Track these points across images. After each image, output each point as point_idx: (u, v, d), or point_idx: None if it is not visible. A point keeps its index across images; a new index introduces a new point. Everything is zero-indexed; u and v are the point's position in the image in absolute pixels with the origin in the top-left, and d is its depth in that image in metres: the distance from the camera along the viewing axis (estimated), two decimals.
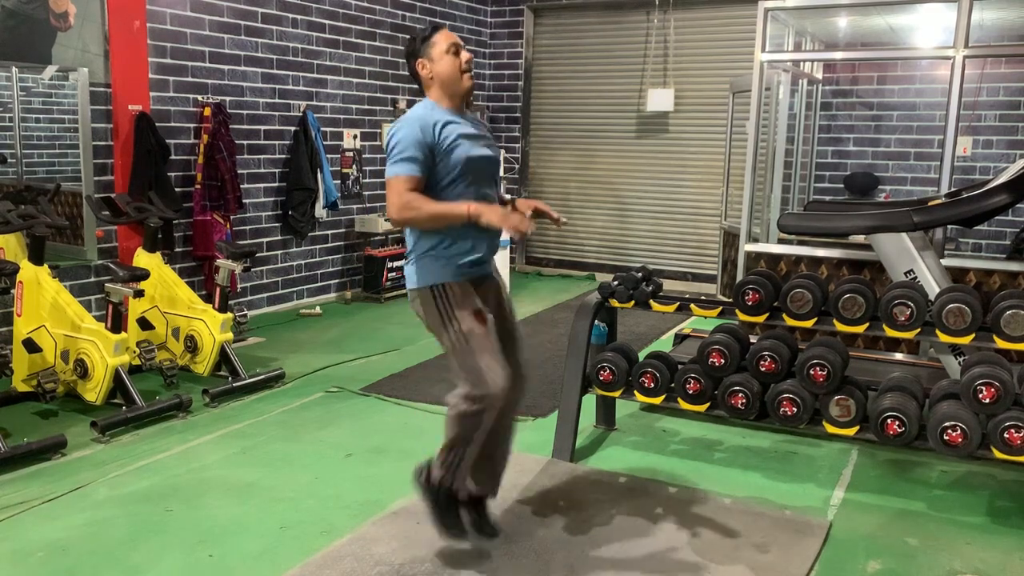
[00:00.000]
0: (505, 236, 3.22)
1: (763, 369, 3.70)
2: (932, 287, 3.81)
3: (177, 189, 6.19)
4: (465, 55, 2.91)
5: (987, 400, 3.29)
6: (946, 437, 3.35)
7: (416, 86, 3.00)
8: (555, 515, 3.48)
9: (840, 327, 3.63)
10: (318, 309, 7.36)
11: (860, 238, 4.76)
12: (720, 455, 4.25)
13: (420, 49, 2.90)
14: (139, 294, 4.78)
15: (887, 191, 8.17)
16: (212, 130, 6.32)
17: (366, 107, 8.06)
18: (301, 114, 7.23)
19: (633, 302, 4.04)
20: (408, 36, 3.00)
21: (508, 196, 3.28)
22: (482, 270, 2.99)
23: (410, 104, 8.44)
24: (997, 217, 5.08)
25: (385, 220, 7.91)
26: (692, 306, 4.04)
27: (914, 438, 3.46)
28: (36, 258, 4.67)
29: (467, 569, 3.04)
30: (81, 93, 5.62)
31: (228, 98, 6.61)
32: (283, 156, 7.19)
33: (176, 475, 3.86)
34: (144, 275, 4.89)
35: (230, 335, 5.27)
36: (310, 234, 7.51)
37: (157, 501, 3.58)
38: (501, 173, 3.24)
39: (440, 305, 2.88)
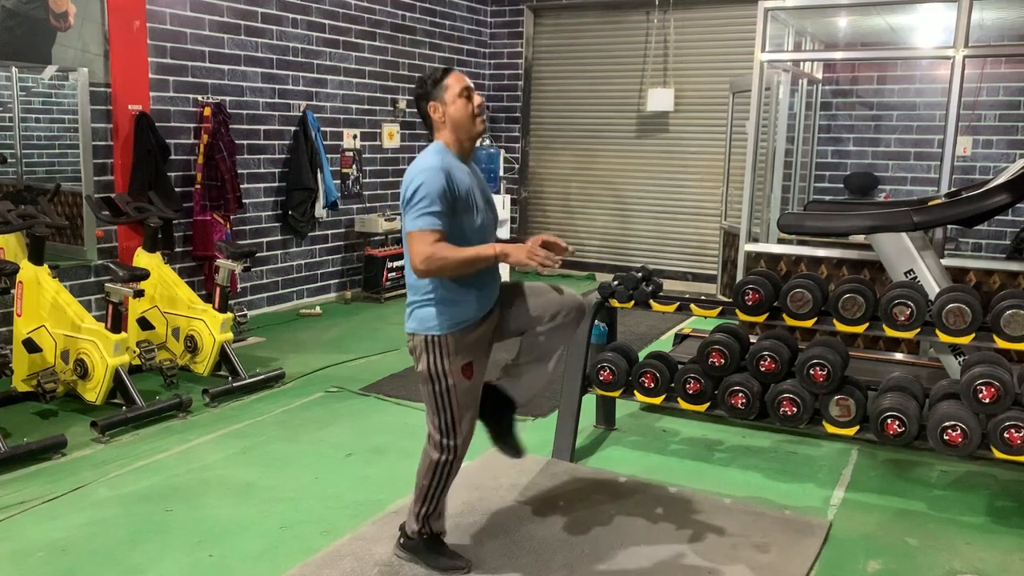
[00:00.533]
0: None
1: (763, 369, 3.70)
2: (932, 287, 3.81)
3: (177, 189, 6.19)
4: (477, 99, 2.89)
5: (987, 400, 3.29)
6: (946, 437, 3.35)
7: (422, 121, 2.97)
8: (555, 515, 3.48)
9: (840, 327, 3.63)
10: (318, 309, 7.36)
11: (860, 238, 4.77)
12: (720, 455, 4.25)
13: (432, 92, 2.87)
14: (139, 294, 4.78)
15: (887, 191, 8.17)
16: (212, 130, 6.32)
17: (366, 107, 8.06)
18: (301, 114, 7.23)
19: (633, 302, 4.04)
20: (418, 77, 2.98)
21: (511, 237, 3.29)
22: (484, 309, 2.93)
23: (410, 104, 8.48)
24: (997, 217, 5.08)
25: (387, 221, 7.91)
26: (692, 306, 4.04)
27: (914, 438, 3.46)
28: (36, 258, 4.67)
29: (469, 571, 3.04)
30: (81, 93, 5.62)
31: (228, 98, 6.61)
32: (283, 156, 7.19)
33: (176, 475, 3.86)
34: (144, 275, 4.89)
35: (230, 335, 5.27)
36: (310, 234, 7.51)
37: (157, 501, 3.58)
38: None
39: (432, 355, 2.88)
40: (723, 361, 3.77)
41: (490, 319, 2.98)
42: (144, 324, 5.35)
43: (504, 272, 2.97)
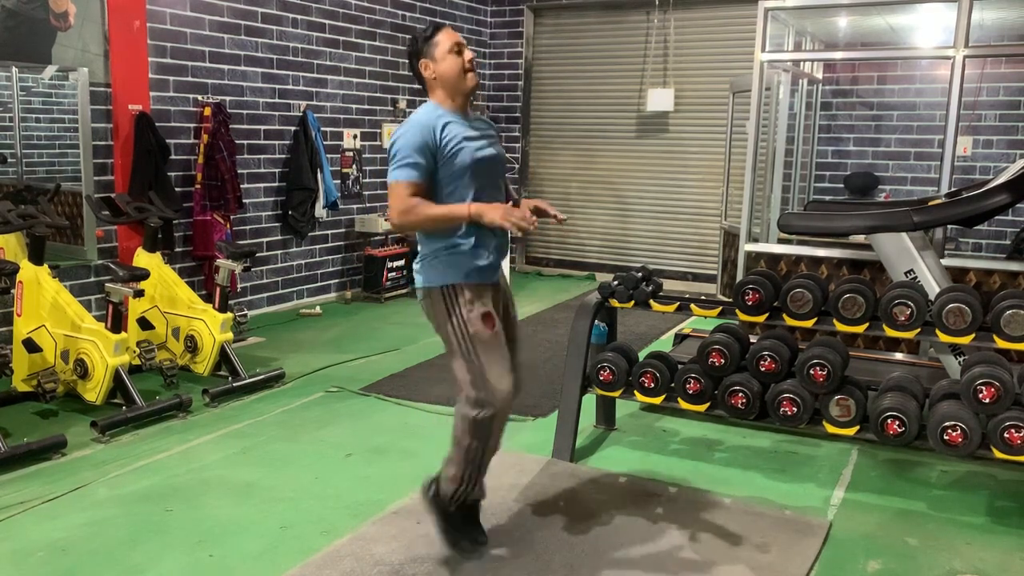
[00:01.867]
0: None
1: (763, 369, 3.70)
2: (932, 287, 3.81)
3: (177, 189, 6.19)
4: (468, 54, 2.89)
5: (987, 400, 3.29)
6: (946, 437, 3.35)
7: (419, 86, 2.99)
8: (555, 515, 3.48)
9: (840, 327, 3.63)
10: (318, 309, 7.36)
11: (860, 238, 4.76)
12: (720, 455, 4.25)
13: (422, 49, 2.88)
14: (139, 294, 4.78)
15: (887, 191, 8.17)
16: (212, 130, 6.32)
17: (366, 107, 8.06)
18: (301, 114, 7.23)
19: (633, 302, 4.04)
20: (410, 36, 2.98)
21: (515, 196, 3.26)
22: (492, 276, 2.95)
23: (410, 104, 8.48)
24: (997, 217, 5.08)
25: (385, 221, 7.91)
26: (692, 306, 4.04)
27: (914, 438, 3.46)
28: (36, 258, 4.67)
29: (467, 569, 3.04)
30: (81, 93, 5.62)
31: (228, 98, 6.61)
32: (283, 156, 7.19)
33: (176, 475, 3.86)
34: (144, 275, 4.89)
35: (230, 335, 5.27)
36: (310, 234, 7.51)
37: (157, 501, 3.58)
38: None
39: (449, 306, 2.85)
40: (723, 361, 3.77)
41: (499, 292, 2.99)
42: (144, 324, 5.36)
43: (504, 273, 2.96)
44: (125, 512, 3.48)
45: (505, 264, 3.04)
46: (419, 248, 2.95)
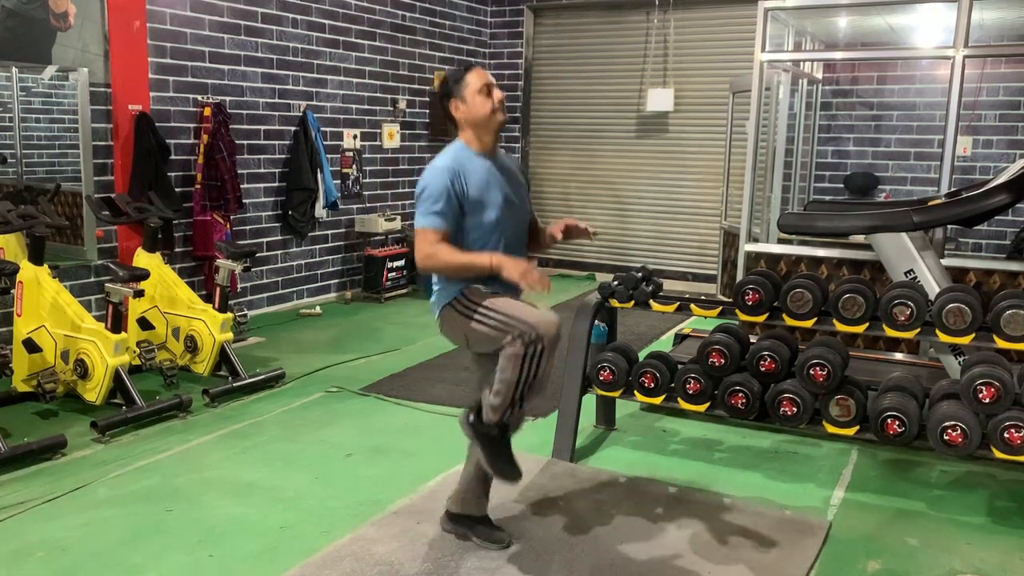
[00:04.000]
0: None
1: (763, 369, 3.70)
2: (932, 287, 3.81)
3: (177, 189, 6.19)
4: (498, 94, 2.94)
5: (987, 400, 3.29)
6: (946, 437, 3.35)
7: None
8: (555, 515, 3.48)
9: (840, 327, 3.63)
10: (318, 309, 7.36)
11: (860, 238, 4.76)
12: (720, 455, 4.25)
13: (453, 90, 2.94)
14: (139, 294, 4.78)
15: (887, 191, 8.17)
16: (212, 130, 6.32)
17: (366, 107, 8.06)
18: (301, 114, 7.23)
19: (633, 302, 4.04)
20: (443, 77, 3.02)
21: (542, 224, 3.30)
22: (508, 289, 2.96)
23: (410, 104, 8.48)
24: (997, 217, 5.08)
25: (387, 221, 7.91)
26: (692, 306, 4.04)
27: (914, 438, 3.46)
28: (36, 258, 4.67)
29: (467, 569, 3.04)
30: (81, 93, 5.62)
31: (228, 98, 6.61)
32: (283, 156, 7.19)
33: (176, 475, 3.86)
34: (144, 275, 4.89)
35: (230, 335, 5.27)
36: (310, 234, 7.51)
37: (157, 501, 3.58)
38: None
39: (460, 308, 2.90)
40: (723, 361, 3.77)
41: (514, 294, 3.00)
42: (144, 324, 5.35)
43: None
44: (125, 512, 3.48)
45: None
46: (433, 284, 3.02)
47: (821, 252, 5.07)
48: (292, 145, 7.19)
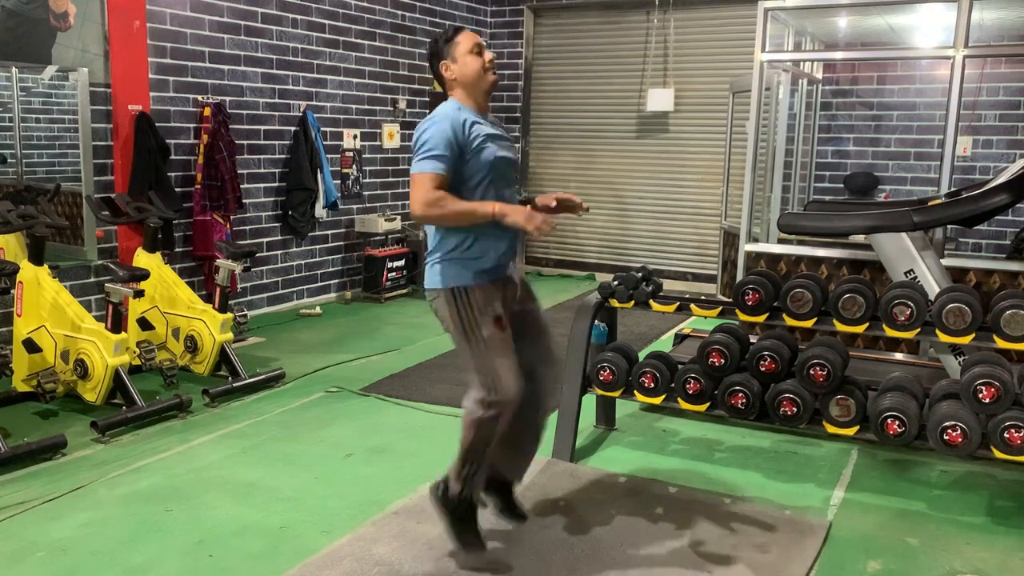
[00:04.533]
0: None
1: (763, 369, 3.70)
2: (932, 287, 3.81)
3: (177, 189, 6.19)
4: (488, 55, 2.95)
5: (987, 400, 3.29)
6: (946, 437, 3.35)
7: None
8: (555, 515, 3.48)
9: (840, 327, 3.63)
10: (318, 309, 7.36)
11: (860, 238, 4.76)
12: (720, 455, 4.25)
13: (443, 50, 2.93)
14: (139, 294, 4.78)
15: (887, 191, 8.17)
16: (212, 130, 6.32)
17: (366, 107, 8.06)
18: (301, 114, 7.23)
19: (633, 302, 4.04)
20: (431, 39, 3.03)
21: (524, 195, 3.30)
22: (503, 274, 2.98)
23: (410, 104, 8.48)
24: (997, 217, 5.08)
25: (387, 221, 7.91)
26: (692, 306, 4.04)
27: (914, 438, 3.46)
28: (36, 258, 4.67)
29: (467, 569, 3.04)
30: (81, 93, 5.62)
31: (228, 98, 6.61)
32: (283, 156, 7.19)
33: (176, 475, 3.86)
34: (144, 275, 4.89)
35: (230, 335, 5.27)
36: (310, 234, 7.51)
37: (157, 501, 3.58)
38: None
39: (461, 309, 2.88)
40: (723, 361, 3.77)
41: (511, 288, 3.01)
42: (144, 324, 5.35)
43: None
44: (125, 512, 3.48)
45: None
46: (430, 246, 2.98)
47: (821, 252, 5.07)
48: (292, 145, 7.19)
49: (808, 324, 3.71)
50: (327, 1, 7.50)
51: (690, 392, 3.86)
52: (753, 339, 3.97)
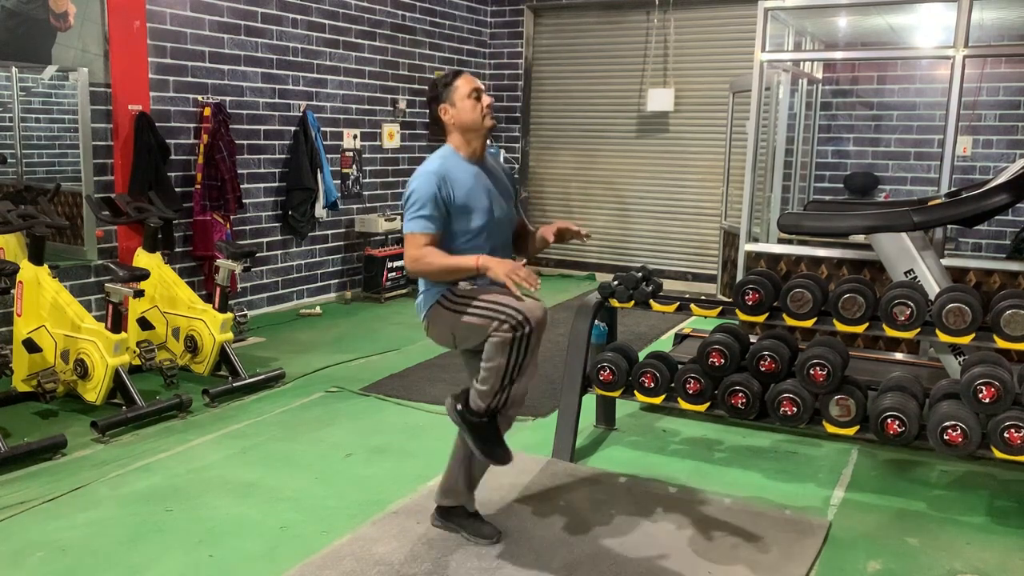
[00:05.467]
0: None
1: (763, 369, 3.70)
2: (932, 287, 3.81)
3: (177, 189, 6.19)
4: (486, 100, 2.99)
5: (987, 400, 3.29)
6: (946, 437, 3.35)
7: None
8: (555, 515, 3.48)
9: (840, 327, 3.63)
10: (318, 309, 7.36)
11: (860, 238, 4.76)
12: (720, 455, 4.25)
13: (442, 94, 2.98)
14: (139, 294, 4.78)
15: (887, 191, 8.17)
16: (212, 130, 6.32)
17: (366, 107, 8.06)
18: (301, 114, 7.23)
19: (633, 302, 4.04)
20: (430, 82, 3.07)
21: (532, 227, 3.34)
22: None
23: (410, 104, 8.48)
24: (997, 217, 5.08)
25: (387, 221, 7.91)
26: (692, 306, 4.04)
27: (914, 438, 3.46)
28: (36, 258, 4.67)
29: (467, 569, 3.04)
30: (81, 93, 5.62)
31: (228, 98, 6.61)
32: (283, 156, 7.19)
33: (176, 475, 3.86)
34: (144, 275, 4.89)
35: (230, 335, 5.27)
36: (310, 234, 7.51)
37: (157, 501, 3.58)
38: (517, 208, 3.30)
39: (448, 304, 2.94)
40: (723, 361, 3.77)
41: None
42: (144, 324, 5.35)
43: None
44: (125, 512, 3.48)
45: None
46: (420, 289, 3.07)
47: (821, 252, 5.07)
48: (292, 145, 7.19)
49: (808, 324, 3.71)
50: (327, 1, 7.50)
51: (690, 392, 3.86)
52: (753, 339, 3.97)
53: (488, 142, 3.13)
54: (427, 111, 3.08)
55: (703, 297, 5.47)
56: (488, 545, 3.18)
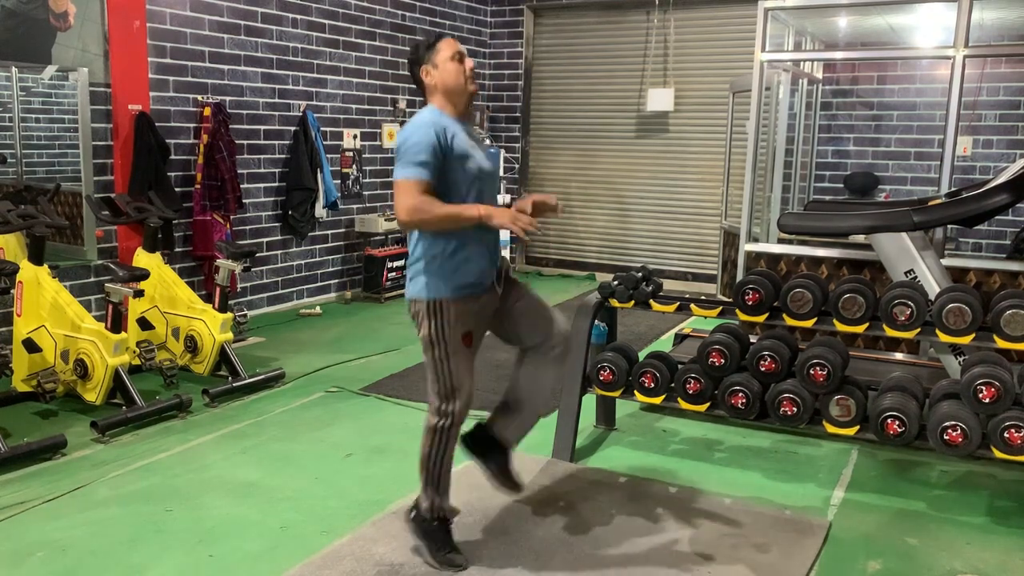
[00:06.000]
0: (505, 236, 3.27)
1: (763, 369, 3.70)
2: (932, 287, 3.81)
3: (177, 189, 6.19)
4: (469, 63, 2.95)
5: (987, 400, 3.29)
6: (946, 437, 3.35)
7: (419, 94, 3.04)
8: (555, 515, 3.48)
9: (840, 327, 3.63)
10: (318, 309, 7.36)
11: (860, 238, 4.76)
12: (720, 455, 4.25)
13: (424, 56, 2.94)
14: (139, 294, 4.78)
15: (887, 191, 8.17)
16: (212, 130, 6.32)
17: (366, 107, 8.06)
18: (301, 114, 7.23)
19: (633, 302, 4.04)
20: (412, 45, 3.04)
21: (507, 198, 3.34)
22: (481, 288, 2.98)
23: (410, 104, 8.47)
24: (997, 217, 5.08)
25: (387, 221, 7.91)
26: (692, 306, 4.04)
27: (914, 438, 3.46)
28: (36, 258, 4.67)
29: (466, 570, 3.04)
30: (81, 93, 5.62)
31: (228, 98, 6.61)
32: (283, 156, 7.19)
33: (176, 475, 3.86)
34: (144, 275, 4.89)
35: (230, 335, 5.27)
36: (310, 234, 7.51)
37: (157, 501, 3.58)
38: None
39: (435, 320, 2.91)
40: (723, 361, 3.77)
41: (491, 295, 3.02)
42: (144, 324, 5.35)
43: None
44: (125, 512, 3.48)
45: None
46: (412, 253, 2.98)
47: (821, 252, 5.07)
48: (292, 145, 7.19)
49: (808, 324, 3.71)
50: (327, 1, 7.50)
51: (690, 392, 3.86)
52: (753, 339, 3.97)
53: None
54: (410, 76, 3.04)
55: (703, 297, 5.47)
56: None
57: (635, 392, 4.02)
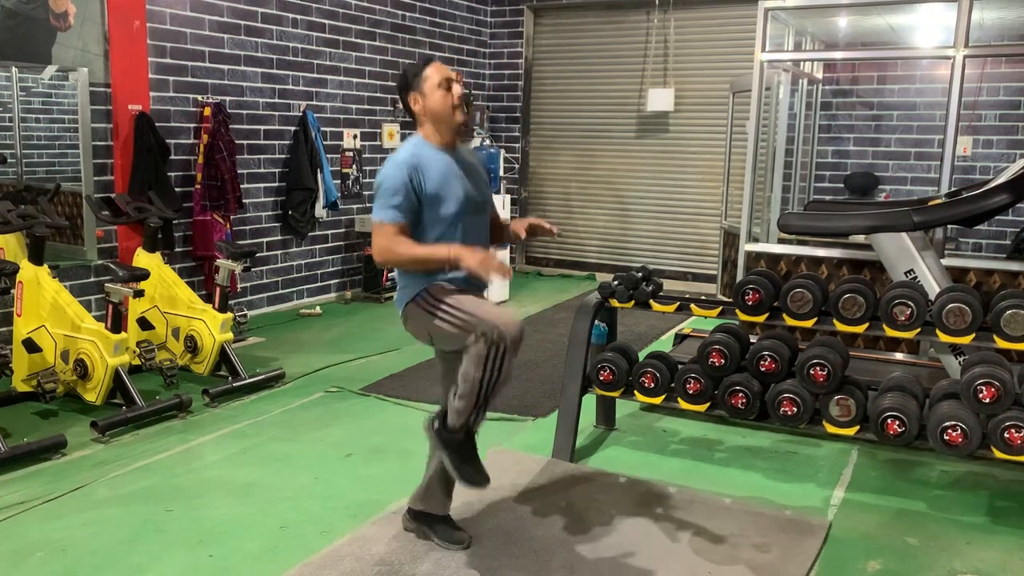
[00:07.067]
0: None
1: (763, 369, 3.70)
2: (932, 287, 3.81)
3: (177, 189, 6.19)
4: (457, 90, 2.90)
5: (987, 400, 3.29)
6: (946, 437, 3.35)
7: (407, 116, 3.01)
8: (555, 515, 3.48)
9: (840, 327, 3.63)
10: (318, 309, 7.36)
11: (860, 238, 4.76)
12: (720, 455, 4.25)
13: (412, 83, 2.91)
14: (139, 294, 4.78)
15: (887, 191, 8.17)
16: (212, 130, 6.32)
17: (366, 107, 8.06)
18: (301, 114, 7.23)
19: (633, 302, 4.04)
20: (401, 69, 3.00)
21: (506, 219, 3.30)
22: (466, 282, 2.94)
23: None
24: (997, 217, 5.08)
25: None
26: (692, 306, 4.04)
27: (914, 438, 3.46)
28: (36, 258, 4.67)
29: (467, 569, 3.04)
30: (81, 93, 5.62)
31: (228, 98, 6.61)
32: (283, 156, 7.19)
33: (176, 475, 3.86)
34: (144, 275, 4.89)
35: (230, 335, 5.27)
36: (310, 234, 7.51)
37: (157, 501, 3.58)
38: (495, 195, 3.26)
39: (424, 305, 2.87)
40: (723, 361, 3.77)
41: (479, 291, 3.00)
42: (144, 324, 5.35)
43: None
44: (125, 512, 3.48)
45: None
46: (398, 281, 3.00)
47: (821, 252, 5.07)
48: (292, 145, 7.19)
49: (808, 324, 3.71)
50: (327, 1, 7.50)
51: (690, 392, 3.86)
52: (753, 339, 3.97)
53: (488, 141, 3.11)
54: (400, 102, 3.01)
55: (703, 297, 5.47)
56: (459, 551, 3.12)
57: (635, 392, 4.02)
